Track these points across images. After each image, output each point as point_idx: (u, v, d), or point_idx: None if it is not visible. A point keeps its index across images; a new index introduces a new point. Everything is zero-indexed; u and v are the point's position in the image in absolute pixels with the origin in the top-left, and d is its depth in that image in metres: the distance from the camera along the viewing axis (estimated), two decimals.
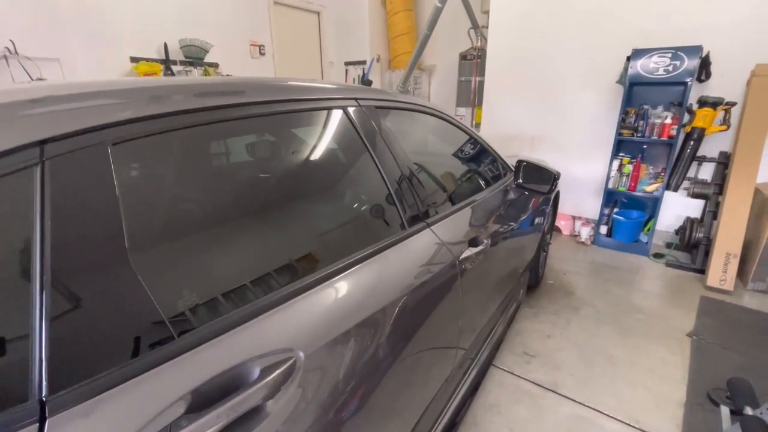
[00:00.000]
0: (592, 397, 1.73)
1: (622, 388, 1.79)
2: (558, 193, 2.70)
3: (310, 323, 0.68)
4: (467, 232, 1.28)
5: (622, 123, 3.14)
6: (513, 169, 1.81)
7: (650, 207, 3.35)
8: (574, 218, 3.76)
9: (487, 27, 4.10)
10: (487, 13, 4.11)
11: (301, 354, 0.63)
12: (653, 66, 2.91)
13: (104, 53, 3.16)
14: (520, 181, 1.73)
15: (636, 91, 3.17)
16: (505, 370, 1.91)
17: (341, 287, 0.77)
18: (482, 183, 1.66)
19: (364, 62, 4.98)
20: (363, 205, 1.03)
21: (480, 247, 1.26)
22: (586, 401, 1.71)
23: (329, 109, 0.95)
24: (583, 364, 1.95)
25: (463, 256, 1.17)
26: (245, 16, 4.12)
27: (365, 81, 4.91)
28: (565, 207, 3.74)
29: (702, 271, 2.87)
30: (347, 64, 5.14)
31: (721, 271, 2.64)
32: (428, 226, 1.11)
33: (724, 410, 1.57)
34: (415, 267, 0.98)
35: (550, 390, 1.78)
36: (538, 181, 1.72)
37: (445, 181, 1.47)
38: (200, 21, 3.76)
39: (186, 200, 0.69)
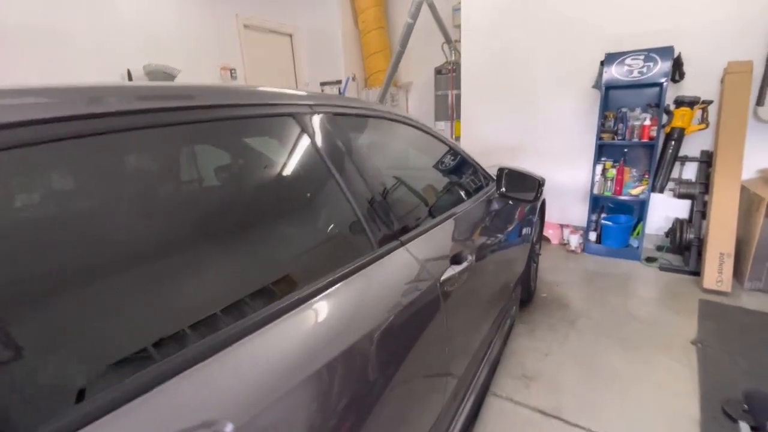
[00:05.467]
0: (600, 421, 1.57)
1: (630, 407, 1.64)
2: (544, 201, 2.60)
3: (243, 381, 0.52)
4: (449, 248, 1.14)
5: (602, 127, 3.10)
6: (495, 178, 1.70)
7: (637, 210, 3.28)
8: (562, 226, 3.67)
9: (459, 41, 4.10)
10: (458, 27, 4.12)
11: (229, 428, 0.47)
12: (627, 69, 2.90)
13: (62, 81, 3.00)
14: (503, 189, 1.62)
15: (612, 95, 3.15)
16: (503, 397, 1.74)
17: (287, 329, 0.62)
18: (463, 194, 1.53)
19: (339, 82, 4.93)
20: (318, 226, 0.88)
21: (464, 265, 1.12)
22: (593, 426, 1.55)
23: (273, 116, 0.81)
24: (585, 384, 1.79)
25: (444, 276, 1.03)
26: (215, 40, 4.04)
27: None
28: (552, 215, 3.66)
29: (697, 273, 2.78)
30: (323, 84, 5.08)
31: (717, 272, 2.55)
32: (402, 244, 0.97)
33: (744, 427, 1.43)
34: (386, 294, 0.84)
35: (553, 416, 1.61)
36: (522, 189, 1.61)
37: (422, 194, 1.34)
38: (167, 46, 3.66)
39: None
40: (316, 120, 0.90)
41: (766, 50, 2.64)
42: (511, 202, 1.73)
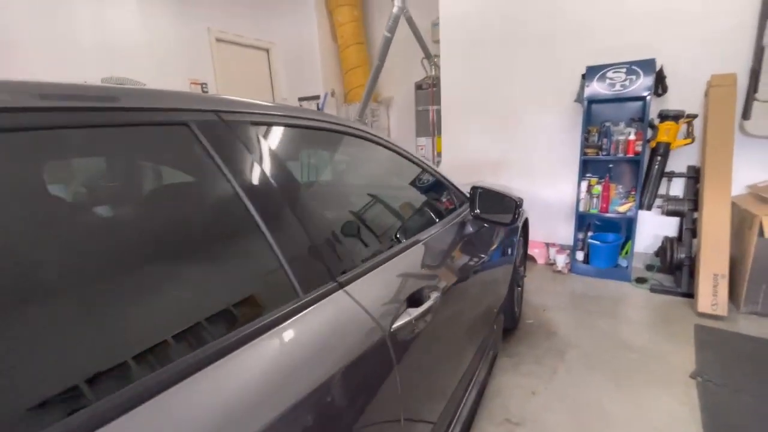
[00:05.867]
0: None
1: None
2: (527, 220, 2.44)
3: None
4: (406, 286, 0.94)
5: (586, 142, 2.98)
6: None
7: (625, 228, 3.14)
8: (547, 245, 3.51)
9: (439, 56, 4.00)
10: (438, 42, 4.03)
11: None
12: (609, 82, 2.80)
13: None
14: (477, 211, 1.43)
15: (595, 109, 3.05)
16: None
17: (166, 411, 0.41)
18: (431, 217, 1.34)
19: (318, 97, 4.79)
20: (211, 269, 0.66)
21: (426, 305, 0.92)
22: None
23: (154, 125, 0.61)
24: (576, 430, 1.58)
25: (397, 323, 0.82)
26: (185, 53, 3.87)
27: None
28: (537, 234, 3.49)
29: (690, 294, 2.62)
30: (301, 99, 4.93)
31: (711, 294, 2.39)
32: (341, 287, 0.77)
33: None
34: (309, 357, 0.63)
35: None
36: (499, 210, 1.43)
37: (376, 220, 1.14)
38: (134, 58, 3.47)
39: None
40: (223, 130, 0.70)
41: (750, 62, 2.56)
42: (486, 225, 1.54)
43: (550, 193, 3.44)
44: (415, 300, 0.93)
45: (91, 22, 3.24)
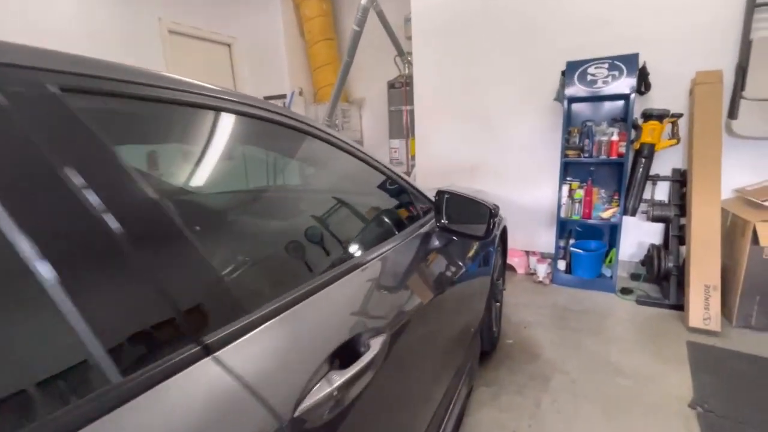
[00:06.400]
0: None
1: None
2: (505, 228, 2.19)
3: None
4: (332, 334, 0.65)
5: (567, 143, 2.78)
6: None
7: (608, 235, 2.96)
8: (528, 253, 3.29)
9: (412, 53, 3.76)
10: (411, 38, 3.79)
11: None
12: (591, 79, 2.61)
13: None
14: (444, 222, 1.16)
15: (576, 109, 2.86)
16: None
17: None
18: (380, 233, 1.06)
19: (284, 96, 4.47)
20: None
21: (361, 363, 0.63)
22: None
23: None
24: None
25: (306, 403, 0.53)
26: (130, 44, 3.49)
27: None
28: (516, 242, 3.27)
29: (679, 307, 2.43)
30: (266, 98, 4.60)
31: (703, 307, 2.20)
32: (210, 352, 0.48)
33: None
34: None
35: None
36: (471, 220, 1.16)
37: (292, 240, 0.85)
38: (70, 47, 3.07)
39: None
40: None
41: (737, 59, 2.41)
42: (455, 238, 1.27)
43: (530, 198, 3.23)
44: (345, 355, 0.64)
45: (20, 5, 2.84)
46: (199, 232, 0.60)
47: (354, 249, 0.91)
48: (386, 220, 1.14)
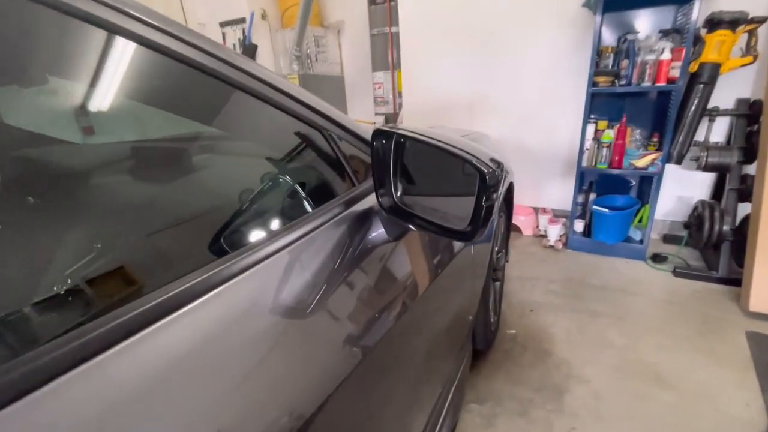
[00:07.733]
0: None
1: None
2: (512, 185, 1.61)
3: None
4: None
5: (596, 67, 2.08)
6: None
7: (638, 188, 2.35)
8: (537, 211, 2.72)
9: None
10: None
11: None
12: None
13: None
14: (393, 200, 0.56)
15: (612, 19, 2.12)
16: None
17: None
18: (276, 211, 0.48)
19: (244, 20, 3.65)
20: None
21: None
22: None
23: None
24: None
25: None
26: None
27: (248, 47, 3.61)
28: (523, 197, 2.69)
29: (732, 281, 1.89)
30: (223, 25, 3.78)
31: None
32: None
33: None
34: None
35: None
36: (443, 191, 0.57)
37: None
38: None
39: None
40: None
41: None
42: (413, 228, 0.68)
43: (543, 142, 2.59)
44: None
45: None
46: None
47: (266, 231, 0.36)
48: (292, 186, 0.55)
